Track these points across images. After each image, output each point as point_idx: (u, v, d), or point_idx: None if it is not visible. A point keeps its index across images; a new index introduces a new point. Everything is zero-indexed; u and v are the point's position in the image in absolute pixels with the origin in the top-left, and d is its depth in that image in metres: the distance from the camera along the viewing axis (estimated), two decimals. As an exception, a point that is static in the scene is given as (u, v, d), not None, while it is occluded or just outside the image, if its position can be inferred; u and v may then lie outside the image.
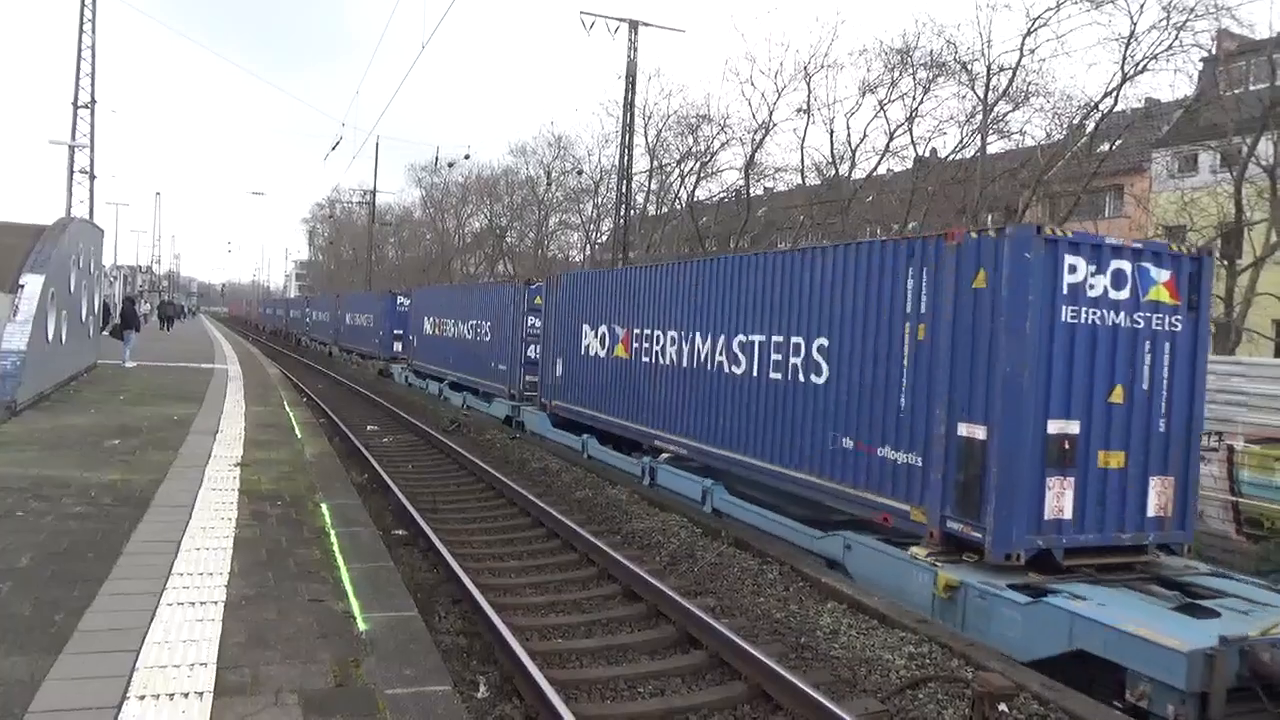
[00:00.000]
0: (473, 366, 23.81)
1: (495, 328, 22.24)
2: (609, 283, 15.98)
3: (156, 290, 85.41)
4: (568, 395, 17.10)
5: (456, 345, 25.44)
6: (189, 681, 4.28)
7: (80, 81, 37.64)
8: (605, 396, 15.45)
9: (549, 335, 18.28)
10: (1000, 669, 6.52)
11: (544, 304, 18.78)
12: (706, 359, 12.39)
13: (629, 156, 34.95)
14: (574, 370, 16.77)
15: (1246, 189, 22.45)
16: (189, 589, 5.59)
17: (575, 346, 16.71)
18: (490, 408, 22.02)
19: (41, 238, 16.06)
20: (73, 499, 7.80)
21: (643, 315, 14.35)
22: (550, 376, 18.04)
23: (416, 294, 32.71)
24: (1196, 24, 22.46)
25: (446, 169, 55.35)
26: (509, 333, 21.23)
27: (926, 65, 29.04)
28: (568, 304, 17.32)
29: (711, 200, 41.58)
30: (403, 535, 10.55)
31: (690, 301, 12.89)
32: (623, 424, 14.88)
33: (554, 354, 17.82)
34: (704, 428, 12.35)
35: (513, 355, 20.92)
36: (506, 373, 21.27)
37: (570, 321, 17.05)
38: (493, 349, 22.28)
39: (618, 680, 6.68)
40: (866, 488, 9.18)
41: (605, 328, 15.59)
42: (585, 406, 16.35)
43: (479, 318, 23.64)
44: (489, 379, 22.46)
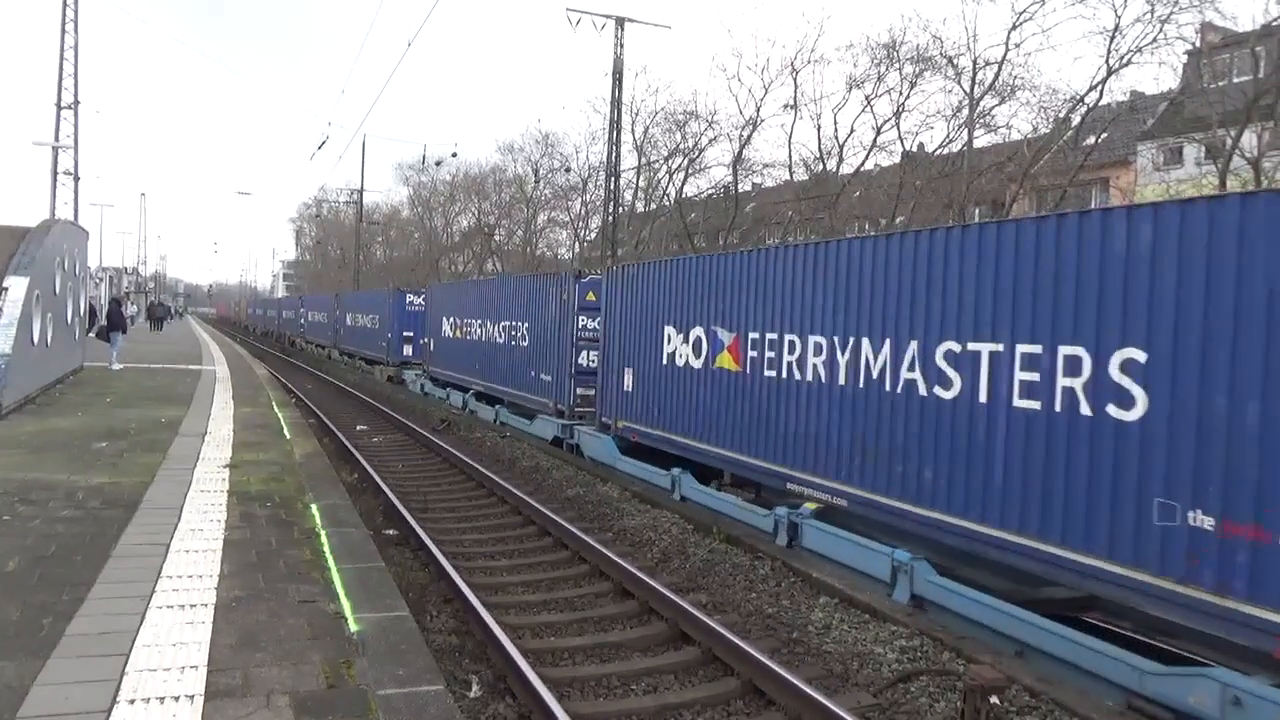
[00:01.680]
0: (507, 375, 20.66)
1: (536, 330, 19.01)
2: (705, 273, 12.43)
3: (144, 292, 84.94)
4: (645, 416, 13.85)
5: (485, 350, 22.21)
6: (179, 684, 4.25)
7: (63, 82, 37.44)
8: (705, 420, 12.16)
9: (611, 339, 15.16)
10: (991, 662, 6.55)
11: (603, 300, 15.69)
12: (887, 375, 8.99)
13: (616, 153, 34.93)
14: (651, 384, 13.66)
15: (1231, 181, 22.58)
16: (178, 591, 5.55)
17: (652, 354, 13.64)
18: (532, 427, 18.39)
19: (25, 240, 15.92)
20: (60, 502, 7.74)
21: (764, 314, 11.02)
22: (613, 390, 15.01)
23: (434, 291, 29.01)
24: (1180, 17, 22.64)
25: (434, 167, 55.20)
26: (554, 336, 18.03)
27: (913, 60, 29.13)
28: (639, 300, 14.22)
29: (700, 196, 41.60)
30: (394, 535, 10.52)
31: (859, 296, 9.44)
32: (734, 458, 11.57)
33: (619, 362, 14.83)
34: (884, 473, 8.94)
35: (560, 363, 17.62)
36: (551, 384, 18.00)
37: (643, 322, 14.03)
38: (533, 355, 19.07)
39: (610, 678, 6.68)
40: (1250, 599, 5.79)
41: (701, 331, 12.36)
42: (674, 432, 13.04)
43: (514, 318, 20.38)
44: (529, 391, 19.21)
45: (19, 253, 15.10)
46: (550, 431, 17.41)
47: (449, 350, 25.44)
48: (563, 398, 17.52)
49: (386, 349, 33.02)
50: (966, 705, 5.81)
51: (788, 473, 10.48)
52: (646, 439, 13.78)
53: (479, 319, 22.84)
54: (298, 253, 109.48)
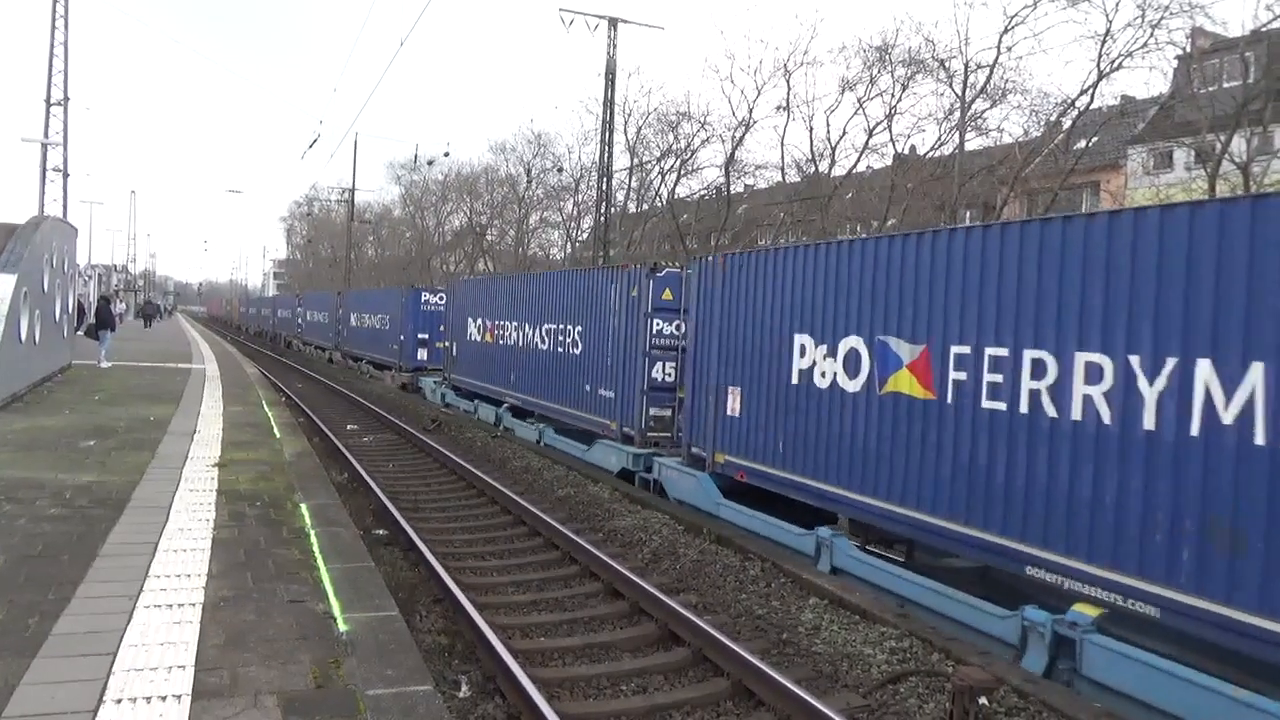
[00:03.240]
0: (553, 389, 17.47)
1: (592, 335, 15.88)
2: (866, 262, 9.35)
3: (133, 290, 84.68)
4: (761, 450, 10.86)
5: (523, 358, 18.99)
6: (167, 684, 4.23)
7: (53, 78, 37.21)
8: (865, 464, 9.22)
9: (704, 349, 12.18)
10: (980, 663, 6.57)
11: (690, 300, 12.77)
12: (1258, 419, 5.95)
13: (609, 154, 34.91)
14: (772, 409, 10.70)
15: (1221, 185, 22.70)
16: (166, 591, 5.53)
17: (773, 369, 10.69)
18: (590, 454, 15.25)
19: (13, 237, 15.83)
20: (47, 501, 7.70)
21: (984, 321, 7.92)
22: (707, 414, 11.95)
23: (458, 288, 25.15)
24: (1171, 22, 22.75)
25: (426, 166, 55.12)
26: (618, 343, 14.90)
27: (905, 63, 29.20)
28: (751, 300, 11.18)
29: (692, 197, 41.61)
30: (383, 535, 10.50)
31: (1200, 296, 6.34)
32: (923, 521, 8.42)
33: (717, 378, 11.77)
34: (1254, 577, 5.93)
35: (626, 377, 14.54)
36: (614, 402, 14.90)
37: (759, 328, 11.00)
38: (588, 366, 15.93)
39: (600, 678, 6.68)
40: None
41: (859, 342, 9.38)
42: (810, 476, 9.96)
43: (562, 320, 17.11)
44: (583, 409, 16.07)
45: (7, 250, 15.02)
46: (616, 461, 14.23)
47: (476, 356, 22.15)
48: (631, 419, 14.31)
49: (399, 353, 29.95)
50: (955, 706, 5.83)
51: (1032, 553, 7.29)
52: (763, 481, 10.79)
53: (515, 321, 19.55)
54: (289, 251, 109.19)
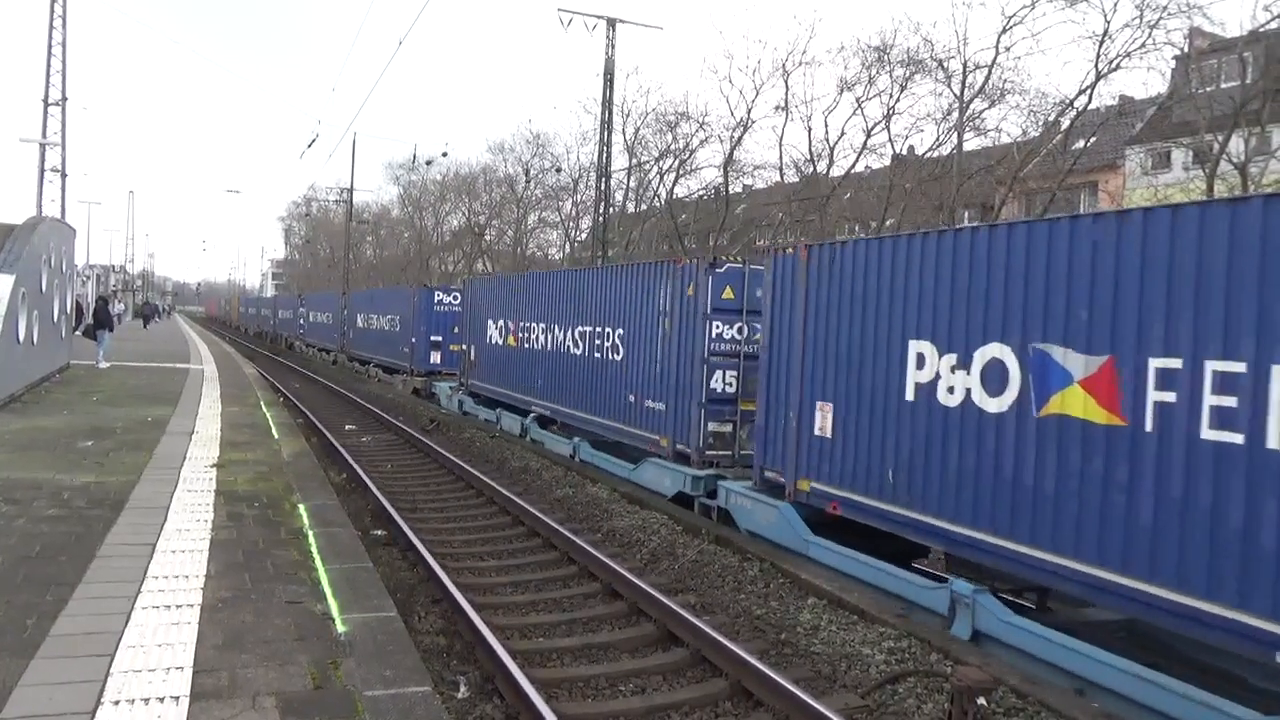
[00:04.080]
0: (589, 399, 15.57)
1: (637, 338, 14.04)
2: (1018, 251, 7.53)
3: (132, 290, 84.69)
4: (861, 478, 9.11)
5: (553, 363, 17.13)
6: (164, 685, 4.23)
7: (51, 78, 37.21)
8: (1018, 503, 7.35)
9: (781, 356, 10.42)
10: (979, 663, 6.57)
11: (767, 299, 10.75)
12: None
13: (607, 154, 34.90)
14: (877, 429, 8.92)
15: (1219, 185, 22.72)
16: (164, 592, 5.52)
17: (878, 382, 8.92)
18: (638, 474, 13.40)
19: (11, 237, 15.82)
20: (45, 501, 7.69)
21: (1214, 327, 6.12)
22: (786, 432, 10.21)
23: (477, 287, 23.29)
24: (1169, 22, 22.79)
25: (424, 167, 55.05)
26: (669, 348, 12.99)
27: (903, 63, 29.22)
28: (847, 299, 9.44)
29: (690, 198, 41.63)
30: (382, 535, 10.49)
31: None
32: (1120, 584, 6.57)
33: (800, 391, 10.02)
34: None
35: (680, 387, 12.66)
36: (665, 416, 13.00)
37: (857, 332, 9.27)
38: (632, 373, 14.11)
39: (599, 679, 6.68)
40: None
41: (1006, 350, 7.54)
42: (935, 514, 8.16)
43: (600, 321, 15.22)
44: (626, 421, 14.23)
45: (5, 250, 15.01)
46: (671, 484, 12.41)
47: (498, 361, 20.33)
48: (685, 435, 12.51)
49: (410, 356, 28.32)
50: (954, 706, 5.83)
51: None
52: (866, 516, 9.01)
53: (543, 322, 17.73)
54: (287, 251, 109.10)
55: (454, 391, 23.59)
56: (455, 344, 25.47)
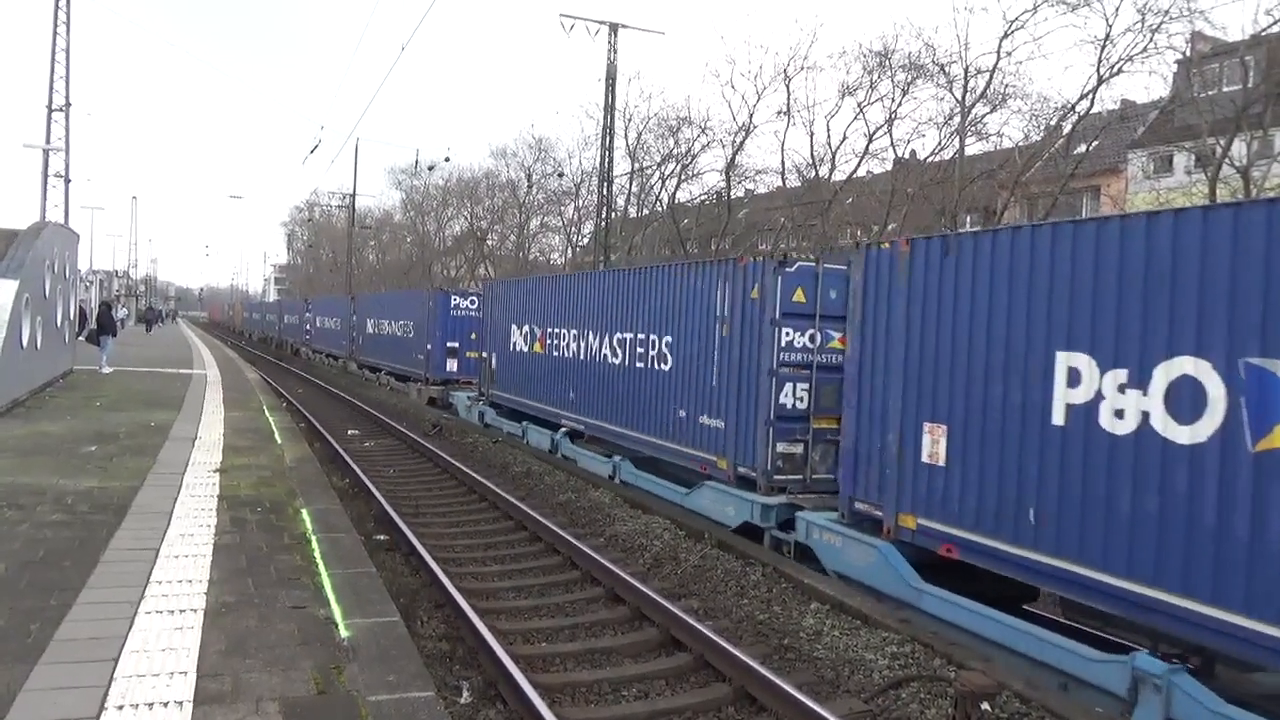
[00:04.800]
0: (630, 412, 14.11)
1: (688, 346, 12.52)
2: (1190, 241, 6.34)
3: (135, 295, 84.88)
4: (988, 517, 7.65)
5: (587, 374, 15.67)
6: (168, 691, 4.23)
7: (54, 84, 37.30)
8: (1213, 558, 6.09)
9: (876, 368, 9.02)
10: (982, 668, 6.56)
11: (857, 302, 9.36)
12: None
13: (610, 159, 34.95)
14: (1010, 458, 7.50)
15: (1221, 189, 22.70)
16: (168, 597, 5.53)
17: (1014, 401, 7.48)
18: (694, 499, 11.88)
19: (15, 242, 15.86)
20: (49, 507, 7.70)
21: None
22: (884, 457, 8.81)
23: (498, 290, 21.43)
24: (1170, 26, 22.74)
25: (427, 172, 55.19)
26: (730, 358, 11.55)
27: (905, 68, 29.21)
28: (966, 301, 8.02)
29: (693, 202, 41.66)
30: (384, 540, 10.49)
31: None
32: None
33: (901, 409, 8.64)
34: None
35: (743, 401, 11.24)
36: (725, 434, 11.58)
37: (984, 342, 7.82)
38: (683, 386, 12.61)
39: (602, 683, 6.68)
40: None
41: (1200, 366, 6.25)
42: (1103, 569, 6.77)
43: (643, 327, 13.83)
44: (676, 439, 12.75)
45: (8, 255, 15.04)
46: (735, 513, 10.92)
47: (523, 370, 18.84)
48: (749, 456, 11.10)
49: (425, 363, 26.81)
50: (958, 711, 5.82)
51: None
52: (995, 562, 7.60)
53: (575, 328, 16.31)
54: (289, 256, 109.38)
55: (473, 402, 22.23)
56: (472, 351, 24.54)
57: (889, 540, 8.63)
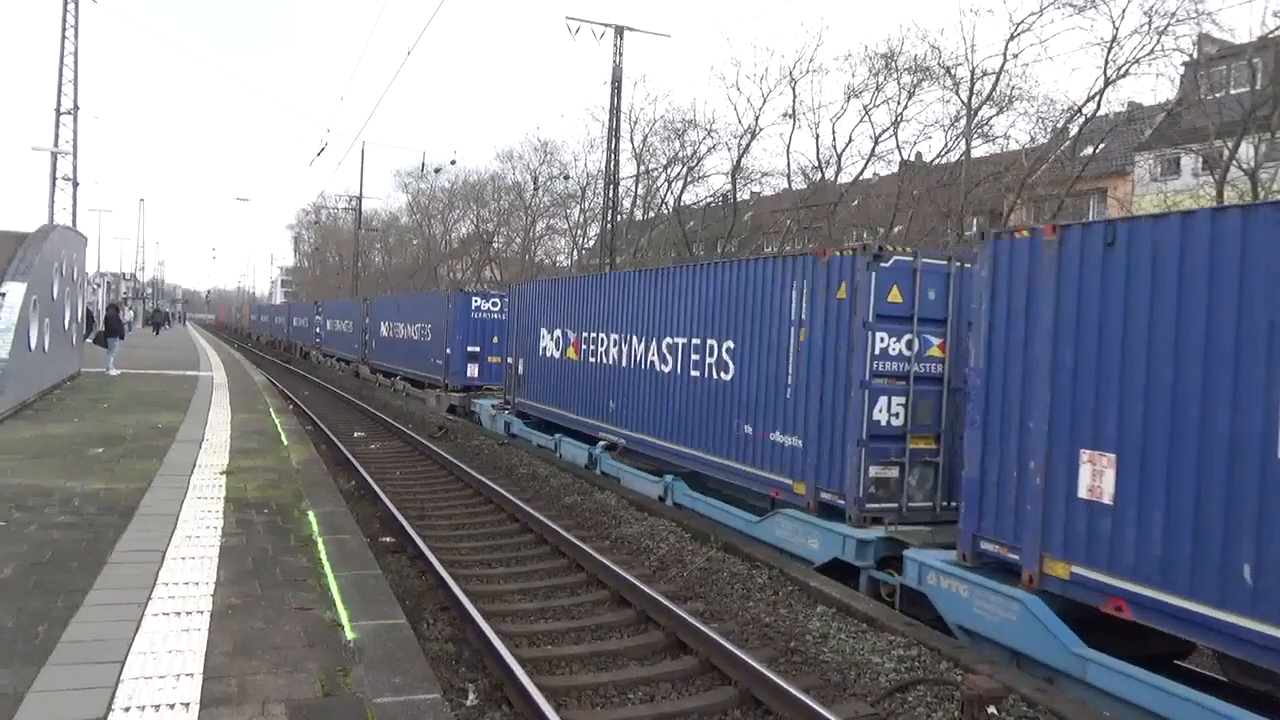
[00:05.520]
0: (683, 426, 12.63)
1: (754, 353, 11.11)
2: None
3: (141, 298, 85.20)
4: (1198, 575, 6.08)
5: (631, 382, 14.31)
6: (175, 692, 4.24)
7: (63, 88, 37.40)
8: None
9: (1013, 385, 7.54)
10: (989, 671, 6.54)
11: (984, 301, 7.91)
12: None
13: (615, 161, 34.97)
14: (1239, 504, 5.91)
15: (1228, 192, 22.63)
16: (174, 599, 5.54)
17: (1217, 430, 6.06)
18: (766, 529, 10.44)
19: (23, 245, 15.92)
20: (56, 508, 7.72)
21: None
22: (1024, 490, 7.33)
23: (527, 291, 19.88)
24: (1177, 29, 22.70)
25: (433, 174, 55.19)
26: (809, 367, 10.12)
27: (911, 70, 29.22)
28: (1137, 301, 6.65)
29: (698, 205, 41.69)
30: (390, 542, 10.50)
31: None
32: None
33: (1055, 434, 7.14)
34: None
35: (826, 417, 9.86)
36: (802, 454, 10.14)
37: (1178, 353, 6.35)
38: (748, 398, 11.18)
39: (607, 686, 6.67)
40: None
41: None
42: None
43: (696, 331, 12.41)
44: (739, 458, 11.28)
45: (17, 258, 15.11)
46: (821, 547, 9.52)
47: (554, 378, 17.46)
48: (835, 480, 9.66)
49: (444, 369, 25.36)
50: (964, 715, 5.81)
51: None
52: (1187, 629, 6.22)
53: (616, 332, 14.95)
54: (296, 259, 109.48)
55: (498, 411, 20.61)
56: (494, 355, 23.65)
57: (1032, 591, 7.13)
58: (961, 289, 9.46)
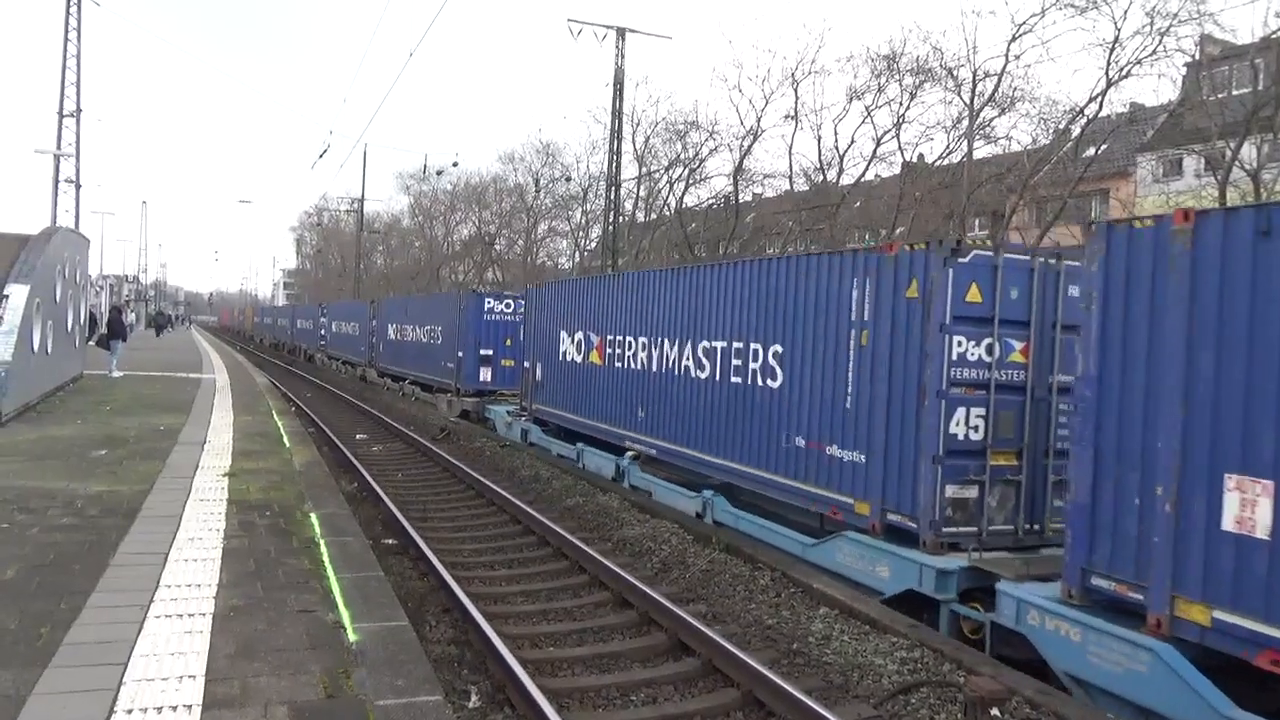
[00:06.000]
0: (723, 438, 11.65)
1: (807, 357, 10.14)
2: None
3: (144, 300, 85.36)
4: None
5: (663, 389, 13.34)
6: (177, 695, 4.24)
7: (65, 90, 37.47)
8: None
9: (1136, 397, 6.58)
10: (992, 673, 6.53)
11: (1097, 300, 6.94)
12: None
13: (617, 163, 35.00)
14: None
15: (1231, 192, 22.61)
16: (177, 600, 5.54)
17: None
18: (825, 552, 9.47)
19: (26, 247, 15.96)
20: (59, 510, 7.73)
21: None
22: (1149, 519, 6.35)
23: (546, 292, 18.92)
24: (1179, 29, 22.69)
25: (435, 176, 55.18)
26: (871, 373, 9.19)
27: (913, 71, 29.22)
28: None
29: (700, 206, 41.70)
30: (393, 544, 10.51)
31: None
32: None
33: (1197, 455, 6.09)
34: None
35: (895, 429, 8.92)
36: (865, 471, 9.18)
37: None
38: (798, 407, 10.21)
39: (610, 688, 6.67)
40: None
41: None
42: None
43: (738, 334, 11.40)
44: (790, 473, 10.29)
45: (20, 260, 15.14)
46: (892, 576, 8.51)
47: (575, 383, 16.62)
48: (905, 501, 8.66)
49: (455, 373, 24.52)
50: (967, 717, 5.80)
51: None
52: None
53: (645, 335, 14.00)
54: (298, 261, 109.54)
55: (514, 418, 19.65)
56: (508, 359, 23.23)
57: (1162, 638, 6.12)
58: (1045, 287, 8.72)
